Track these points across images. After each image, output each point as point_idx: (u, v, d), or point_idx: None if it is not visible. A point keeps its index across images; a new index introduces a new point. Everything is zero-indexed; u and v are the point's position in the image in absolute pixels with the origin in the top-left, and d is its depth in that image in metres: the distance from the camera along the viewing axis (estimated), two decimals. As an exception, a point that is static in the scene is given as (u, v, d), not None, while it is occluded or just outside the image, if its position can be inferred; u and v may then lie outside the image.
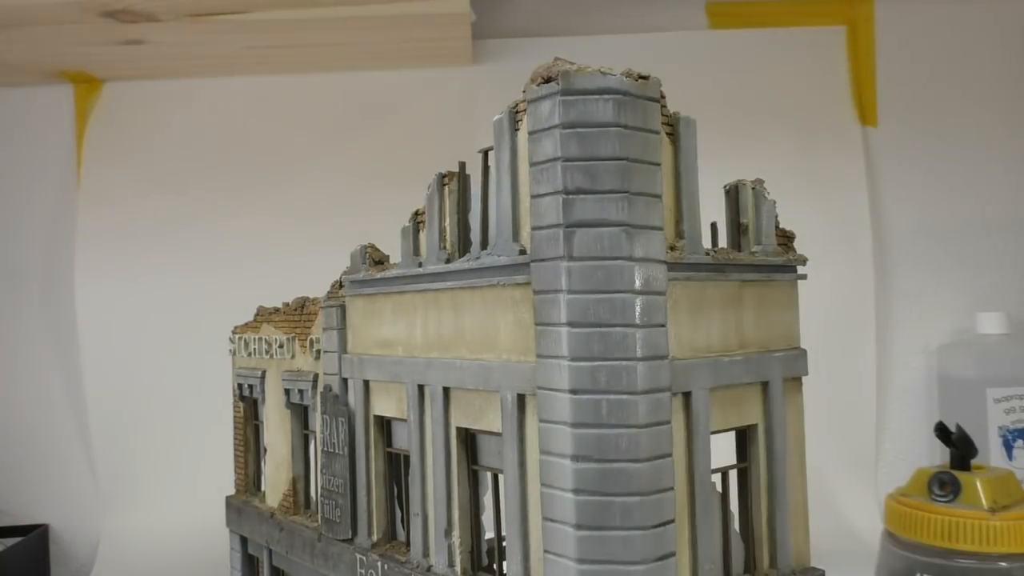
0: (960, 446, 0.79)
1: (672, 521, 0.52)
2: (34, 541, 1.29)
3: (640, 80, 0.53)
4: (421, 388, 0.66)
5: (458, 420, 0.63)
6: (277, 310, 0.90)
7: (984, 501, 0.74)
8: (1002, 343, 1.27)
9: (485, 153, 0.62)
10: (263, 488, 0.96)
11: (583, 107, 0.51)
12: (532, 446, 0.55)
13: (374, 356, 0.72)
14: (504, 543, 0.60)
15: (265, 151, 1.38)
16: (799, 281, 0.67)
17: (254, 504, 0.93)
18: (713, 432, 0.58)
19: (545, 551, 0.53)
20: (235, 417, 1.00)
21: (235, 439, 1.00)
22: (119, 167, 1.38)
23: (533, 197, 0.53)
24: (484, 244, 0.61)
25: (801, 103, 1.38)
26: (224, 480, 1.01)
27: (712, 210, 0.65)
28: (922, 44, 1.40)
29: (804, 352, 0.66)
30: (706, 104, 0.72)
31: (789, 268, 0.66)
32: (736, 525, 0.63)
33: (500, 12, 1.40)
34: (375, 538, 0.72)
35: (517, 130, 0.56)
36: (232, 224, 1.36)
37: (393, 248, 0.73)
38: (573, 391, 0.51)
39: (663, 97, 0.55)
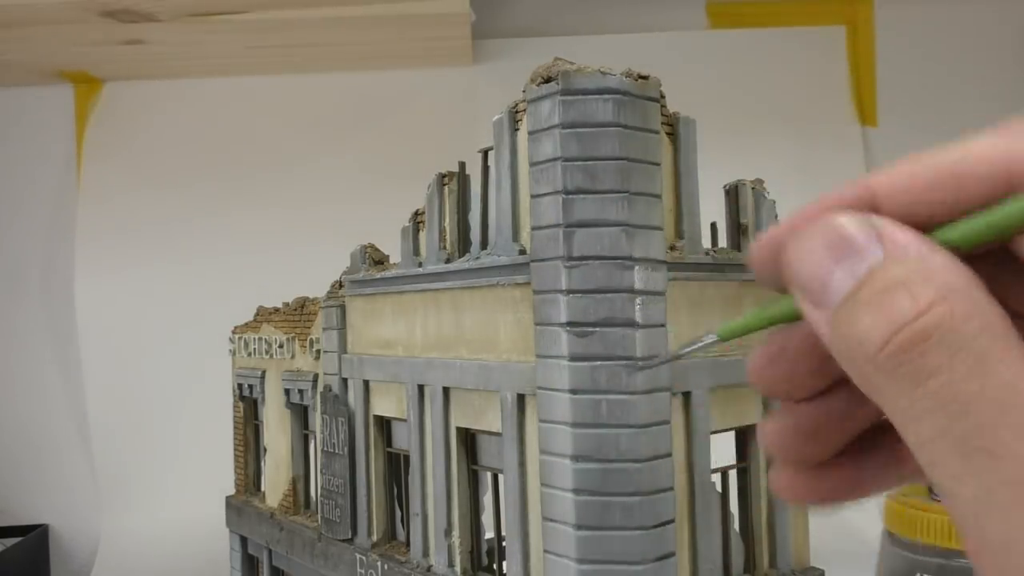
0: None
1: (672, 521, 0.52)
2: (34, 541, 1.29)
3: (640, 80, 0.53)
4: (421, 388, 0.65)
5: (458, 420, 0.63)
6: (277, 310, 0.90)
7: (984, 501, 0.74)
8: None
9: (485, 153, 0.62)
10: (263, 488, 0.96)
11: (583, 107, 0.51)
12: (532, 446, 0.55)
13: (374, 356, 0.71)
14: (504, 543, 0.60)
15: (265, 151, 1.38)
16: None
17: (254, 504, 0.93)
18: (713, 432, 0.58)
19: (545, 551, 0.53)
20: (235, 417, 0.99)
21: (235, 439, 1.00)
22: (119, 167, 1.38)
23: (533, 197, 0.53)
24: (484, 244, 0.61)
25: (801, 103, 1.38)
26: (224, 480, 1.01)
27: (712, 210, 0.65)
28: (921, 44, 1.40)
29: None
30: (706, 104, 0.72)
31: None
32: (736, 525, 0.63)
33: (500, 12, 1.40)
34: (375, 538, 0.72)
35: (517, 130, 0.56)
36: (232, 224, 1.36)
37: (393, 248, 0.73)
38: (573, 391, 0.51)
39: (663, 97, 0.55)
